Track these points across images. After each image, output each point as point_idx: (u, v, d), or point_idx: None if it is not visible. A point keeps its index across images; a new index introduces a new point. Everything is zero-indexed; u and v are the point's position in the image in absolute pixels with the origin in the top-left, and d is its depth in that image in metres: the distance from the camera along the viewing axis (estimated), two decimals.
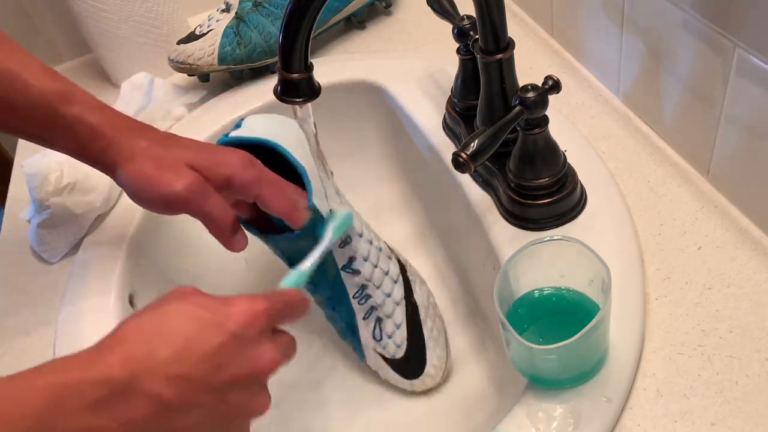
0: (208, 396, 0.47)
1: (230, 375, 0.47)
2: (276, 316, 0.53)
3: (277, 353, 0.51)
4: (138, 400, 0.44)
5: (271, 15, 0.97)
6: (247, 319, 0.49)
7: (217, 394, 0.47)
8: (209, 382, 0.46)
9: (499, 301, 0.55)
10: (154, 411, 0.44)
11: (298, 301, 0.57)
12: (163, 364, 0.45)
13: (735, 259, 0.65)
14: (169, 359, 0.45)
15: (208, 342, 0.46)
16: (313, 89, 0.60)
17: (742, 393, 0.56)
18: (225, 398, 0.48)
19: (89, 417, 0.42)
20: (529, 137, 0.65)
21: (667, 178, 0.73)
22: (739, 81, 0.61)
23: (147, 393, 0.44)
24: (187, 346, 0.46)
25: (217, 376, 0.47)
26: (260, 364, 0.50)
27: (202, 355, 0.46)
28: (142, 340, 0.46)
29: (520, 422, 0.56)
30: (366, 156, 1.00)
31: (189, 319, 0.47)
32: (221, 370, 0.47)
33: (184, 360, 0.45)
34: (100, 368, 0.43)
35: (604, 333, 0.56)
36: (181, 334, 0.46)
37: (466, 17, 0.73)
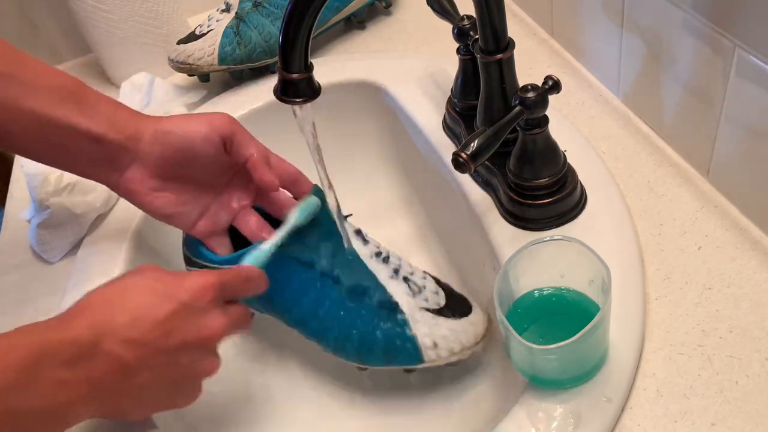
0: (160, 358, 0.53)
1: (180, 340, 0.54)
2: (227, 288, 0.59)
3: (225, 321, 0.57)
4: (100, 360, 0.50)
5: (271, 15, 0.97)
6: (198, 291, 0.55)
7: (168, 357, 0.54)
8: (161, 346, 0.53)
9: (499, 301, 0.55)
10: (113, 370, 0.51)
11: (252, 275, 0.63)
12: (121, 329, 0.51)
13: (735, 259, 0.65)
14: (126, 325, 0.51)
15: (160, 310, 0.53)
16: (313, 89, 0.60)
17: (742, 393, 0.56)
18: (176, 360, 0.54)
19: (63, 372, 0.48)
20: (529, 137, 0.65)
21: (667, 178, 0.73)
22: (739, 81, 0.61)
23: (108, 354, 0.50)
24: (142, 313, 0.52)
25: (167, 340, 0.53)
26: (208, 331, 0.56)
27: (154, 321, 0.52)
28: (104, 308, 0.52)
29: (520, 422, 0.56)
30: (366, 156, 1.00)
31: (145, 290, 0.54)
32: (171, 335, 0.53)
33: (139, 326, 0.52)
34: (70, 331, 0.49)
35: (604, 333, 0.56)
36: (137, 303, 0.53)
37: (466, 17, 0.73)
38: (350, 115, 0.98)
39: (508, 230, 0.70)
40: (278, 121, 0.94)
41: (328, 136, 0.98)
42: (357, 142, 1.00)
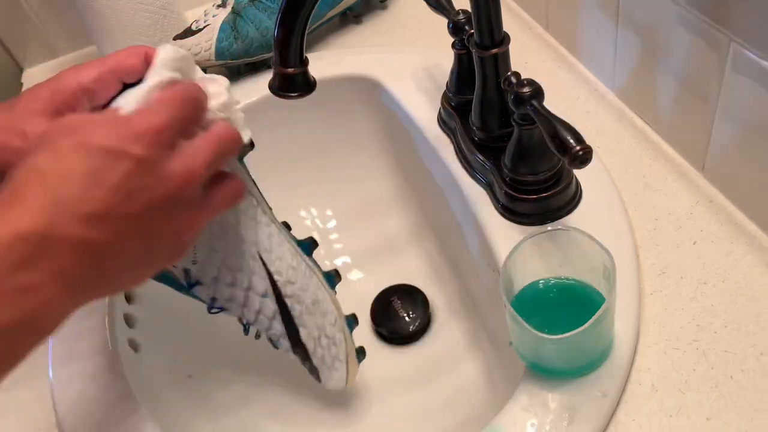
0: (128, 227, 0.45)
1: (145, 200, 0.45)
2: (183, 123, 0.49)
3: (190, 164, 0.48)
4: (61, 248, 0.42)
5: (267, 9, 0.97)
6: (148, 138, 0.45)
7: (136, 222, 0.45)
8: (124, 212, 0.44)
9: (504, 291, 0.55)
10: (81, 254, 0.43)
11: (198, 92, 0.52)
12: (73, 205, 0.42)
13: (730, 253, 0.65)
14: (78, 199, 0.42)
15: (114, 172, 0.44)
16: (308, 83, 0.60)
17: (737, 387, 0.56)
18: (149, 224, 0.46)
19: (20, 276, 0.40)
20: (524, 132, 0.65)
21: (662, 172, 0.73)
22: (735, 76, 0.61)
23: (67, 239, 0.42)
24: (93, 181, 0.43)
25: (130, 204, 0.44)
26: (173, 182, 0.46)
27: (110, 187, 0.43)
28: (43, 184, 0.43)
29: (515, 417, 0.56)
30: (361, 150, 1.00)
31: (86, 151, 0.44)
32: (133, 198, 0.44)
33: (93, 197, 0.43)
34: (12, 226, 0.41)
35: (611, 322, 0.57)
36: (82, 168, 0.43)
37: (462, 12, 0.73)
38: (345, 110, 0.98)
39: (503, 225, 0.70)
40: (274, 116, 0.94)
41: (323, 131, 0.99)
42: (352, 137, 1.00)
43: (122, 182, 0.44)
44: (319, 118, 0.98)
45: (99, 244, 0.43)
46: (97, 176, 0.43)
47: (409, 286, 0.89)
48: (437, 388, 0.79)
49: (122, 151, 0.44)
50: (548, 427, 0.55)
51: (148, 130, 0.45)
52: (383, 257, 0.94)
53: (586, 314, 0.51)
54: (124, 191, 0.44)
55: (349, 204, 0.98)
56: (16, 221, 0.41)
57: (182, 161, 0.47)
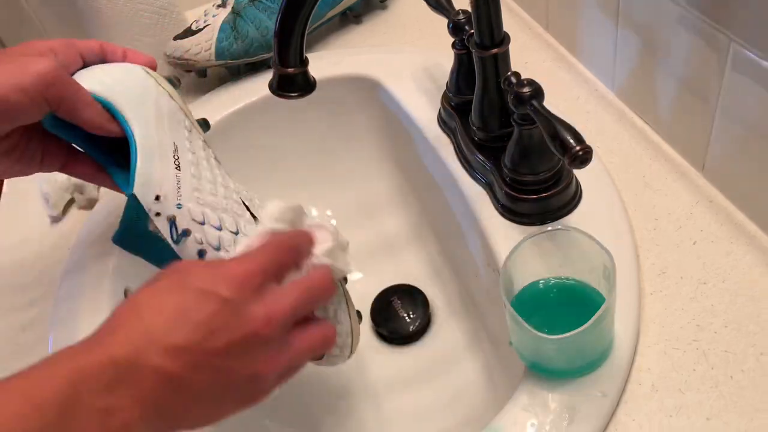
0: (208, 361, 0.47)
1: (225, 340, 0.47)
2: (276, 268, 0.52)
3: (272, 307, 0.50)
4: (144, 376, 0.44)
5: (267, 9, 0.97)
6: (238, 282, 0.49)
7: (217, 359, 0.47)
8: (205, 349, 0.46)
9: (505, 291, 0.55)
10: (160, 383, 0.45)
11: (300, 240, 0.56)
12: (159, 337, 0.45)
13: (730, 253, 0.65)
14: (164, 331, 0.45)
15: (200, 310, 0.47)
16: (308, 83, 0.60)
17: (737, 387, 0.56)
18: (226, 362, 0.48)
19: (106, 398, 0.43)
20: (524, 132, 0.65)
21: (662, 172, 0.73)
22: (735, 76, 0.61)
23: (150, 367, 0.44)
24: (180, 316, 0.46)
25: (211, 341, 0.46)
26: (253, 324, 0.48)
27: (194, 323, 0.46)
28: (138, 316, 0.46)
29: (515, 417, 0.56)
30: (361, 150, 1.00)
31: (179, 290, 0.48)
32: (215, 336, 0.47)
33: (178, 330, 0.46)
34: (105, 350, 0.44)
35: (610, 322, 0.57)
36: (173, 305, 0.47)
37: (462, 12, 0.73)
38: (345, 110, 0.98)
39: (503, 225, 0.70)
40: (274, 116, 0.94)
41: (323, 130, 0.99)
42: (352, 136, 1.00)
43: (206, 320, 0.47)
44: (319, 118, 0.98)
45: (177, 376, 0.45)
46: (185, 313, 0.46)
47: (409, 286, 0.89)
48: (437, 388, 0.79)
49: (212, 291, 0.48)
50: (548, 427, 0.55)
51: (238, 273, 0.49)
52: (383, 257, 0.94)
53: (586, 314, 0.51)
54: (206, 328, 0.46)
55: (349, 204, 0.98)
56: (110, 346, 0.44)
57: (265, 304, 0.49)
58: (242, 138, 0.94)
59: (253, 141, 0.95)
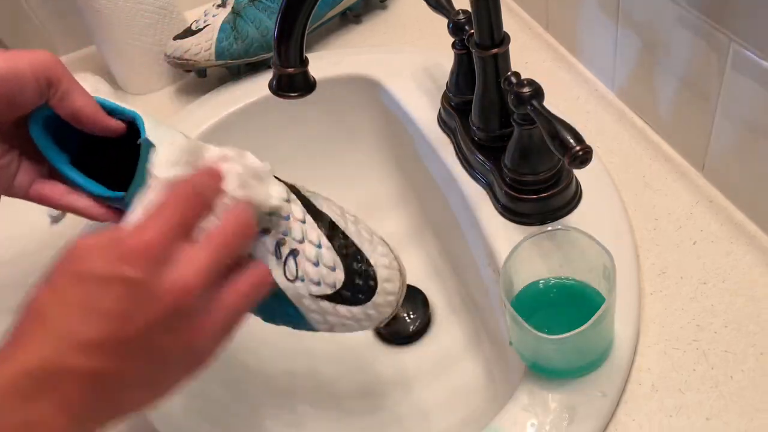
0: (129, 350, 0.43)
1: (141, 322, 0.43)
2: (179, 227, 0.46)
3: (184, 276, 0.45)
4: (63, 380, 0.41)
5: (267, 9, 0.97)
6: (139, 257, 0.44)
7: (138, 344, 0.43)
8: (124, 336, 0.42)
9: (505, 293, 0.55)
10: (84, 384, 0.42)
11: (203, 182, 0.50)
12: (70, 337, 0.41)
13: (730, 253, 0.65)
14: (73, 330, 0.42)
15: (106, 298, 0.42)
16: (308, 84, 0.60)
17: (737, 387, 0.56)
18: (151, 343, 0.44)
19: (25, 412, 0.40)
20: (524, 132, 0.65)
21: (662, 172, 0.73)
22: (735, 76, 0.61)
23: (68, 370, 0.41)
24: (86, 310, 0.42)
25: (128, 328, 0.43)
26: (168, 298, 0.44)
27: (103, 313, 0.42)
28: (42, 321, 0.42)
29: (515, 417, 0.56)
30: (361, 150, 1.00)
31: (79, 282, 0.43)
32: (130, 321, 0.43)
33: (88, 325, 0.42)
34: (17, 363, 0.41)
35: (610, 322, 0.57)
36: (76, 300, 0.42)
37: (462, 12, 0.73)
38: (345, 110, 0.98)
39: (503, 225, 0.70)
40: (274, 116, 0.94)
41: (323, 130, 0.99)
42: (352, 137, 1.00)
43: (115, 307, 0.42)
44: (319, 118, 0.98)
45: (100, 372, 0.42)
46: (90, 304, 0.42)
47: (409, 286, 0.88)
48: (437, 388, 0.79)
49: (112, 275, 0.43)
50: (548, 427, 0.55)
51: (138, 247, 0.44)
52: None
53: (586, 314, 0.51)
54: (118, 316, 0.42)
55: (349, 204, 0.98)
56: (21, 358, 0.41)
57: (178, 272, 0.45)
58: (242, 138, 0.94)
59: (253, 141, 0.95)
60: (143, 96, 1.04)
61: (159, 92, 1.04)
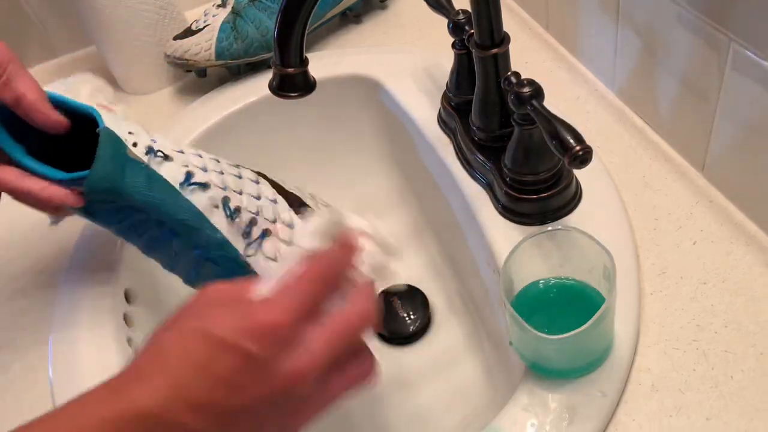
0: (234, 419, 0.44)
1: (251, 397, 0.44)
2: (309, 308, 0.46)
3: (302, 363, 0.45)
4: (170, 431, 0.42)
5: (267, 9, 0.97)
6: (265, 336, 0.44)
7: (240, 416, 0.44)
8: (230, 405, 0.43)
9: (505, 292, 0.55)
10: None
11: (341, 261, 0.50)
12: (184, 393, 0.42)
13: (730, 253, 0.65)
14: (188, 386, 0.43)
15: (223, 365, 0.43)
16: (308, 83, 0.60)
17: (737, 387, 0.56)
18: (253, 419, 0.45)
19: None
20: (524, 132, 0.65)
21: (662, 172, 0.73)
22: (735, 76, 0.61)
23: (175, 424, 0.42)
24: (204, 371, 0.43)
25: (233, 398, 0.43)
26: (281, 381, 0.45)
27: (218, 379, 0.43)
28: (162, 366, 0.43)
29: (515, 417, 0.56)
30: (361, 150, 1.00)
31: (204, 339, 0.44)
32: (240, 393, 0.44)
33: (202, 386, 0.43)
34: (133, 402, 0.42)
35: (611, 322, 0.57)
36: (198, 358, 0.43)
37: (462, 12, 0.73)
38: (345, 110, 0.98)
39: (503, 225, 0.70)
40: (274, 116, 0.94)
41: (323, 130, 0.99)
42: (352, 137, 1.00)
43: (228, 376, 0.43)
44: (319, 118, 0.98)
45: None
46: (208, 367, 0.43)
47: (409, 286, 0.89)
48: (437, 388, 0.79)
49: (236, 345, 0.43)
50: (548, 427, 0.55)
51: (265, 325, 0.44)
52: None
53: (586, 314, 0.51)
54: (230, 385, 0.43)
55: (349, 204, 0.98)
56: (138, 399, 0.42)
57: (294, 360, 0.45)
58: (242, 138, 0.94)
59: (253, 141, 0.95)
60: (143, 96, 1.04)
61: (159, 92, 1.04)
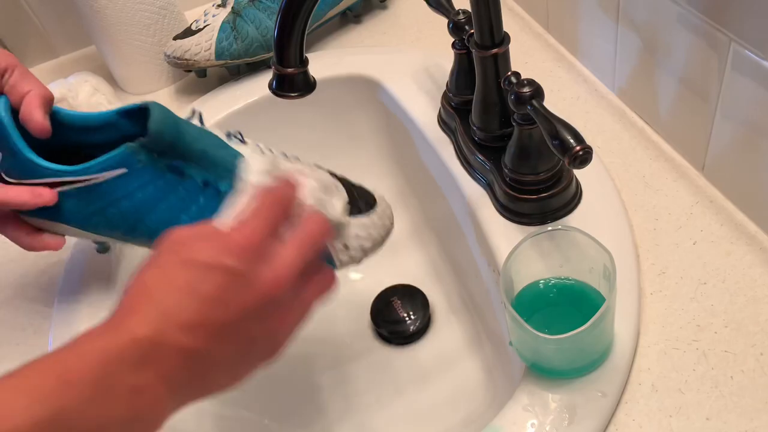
0: (223, 333, 0.48)
1: (239, 308, 0.48)
2: (272, 228, 0.52)
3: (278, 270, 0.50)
4: (166, 354, 0.45)
5: (267, 9, 0.97)
6: (241, 250, 0.49)
7: (231, 329, 0.48)
8: (221, 320, 0.47)
9: (505, 292, 0.55)
10: (182, 359, 0.46)
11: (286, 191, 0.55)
12: (174, 315, 0.46)
13: (730, 253, 0.65)
14: (178, 309, 0.46)
15: (209, 283, 0.47)
16: (308, 84, 0.60)
17: (737, 388, 0.56)
18: (243, 330, 0.49)
19: (134, 377, 0.44)
20: (524, 132, 0.65)
21: (662, 172, 0.73)
22: (735, 76, 0.61)
23: (171, 345, 0.45)
24: (190, 292, 0.47)
25: (225, 312, 0.47)
26: (263, 289, 0.49)
27: (204, 297, 0.47)
28: (149, 297, 0.47)
29: (515, 417, 0.56)
30: (361, 150, 1.00)
31: (185, 266, 0.48)
32: (228, 307, 0.48)
33: (190, 307, 0.46)
34: (127, 332, 0.45)
35: (610, 323, 0.57)
36: (182, 282, 0.47)
37: (462, 11, 0.73)
38: (345, 110, 0.98)
39: (503, 225, 0.70)
40: (274, 116, 0.94)
41: (323, 130, 0.99)
42: (352, 137, 1.00)
43: (216, 293, 0.47)
44: (318, 118, 0.98)
45: (197, 350, 0.46)
46: (194, 288, 0.47)
47: (409, 286, 0.89)
48: (437, 388, 0.79)
49: (217, 264, 0.48)
50: (548, 427, 0.55)
51: (239, 242, 0.49)
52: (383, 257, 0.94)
53: (586, 314, 0.51)
54: (217, 301, 0.47)
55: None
56: (131, 327, 0.45)
57: (271, 268, 0.50)
58: None
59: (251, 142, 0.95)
60: (143, 96, 1.04)
61: (159, 92, 1.05)
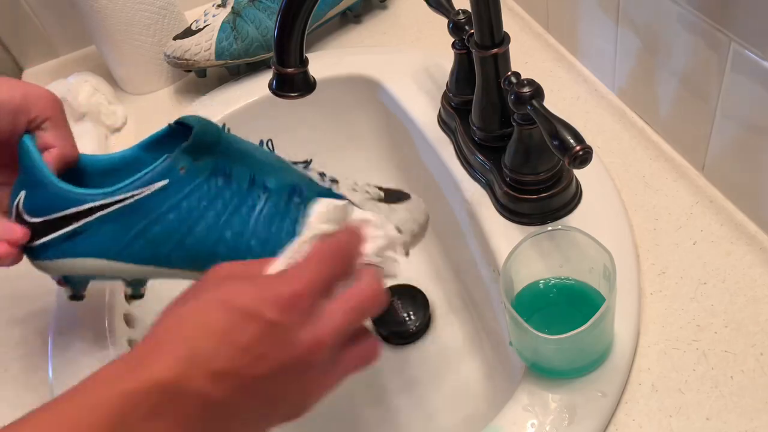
0: (251, 387, 0.45)
1: (271, 365, 0.45)
2: (326, 283, 0.48)
3: (321, 332, 0.47)
4: (188, 400, 0.43)
5: (267, 9, 0.97)
6: (284, 305, 0.46)
7: (261, 383, 0.46)
8: (250, 374, 0.45)
9: (505, 292, 0.55)
10: (203, 408, 0.44)
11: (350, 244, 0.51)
12: (204, 361, 0.43)
13: (730, 253, 0.65)
14: (208, 355, 0.44)
15: (245, 333, 0.44)
16: (308, 84, 0.60)
17: (737, 388, 0.56)
18: (273, 386, 0.47)
19: (153, 423, 0.42)
20: (524, 132, 0.65)
21: (662, 172, 0.73)
22: (735, 76, 0.61)
23: (194, 392, 0.43)
24: (224, 338, 0.44)
25: (256, 367, 0.45)
26: (300, 349, 0.46)
27: (239, 347, 0.44)
28: (181, 336, 0.45)
29: (515, 417, 0.56)
30: (361, 150, 1.00)
31: (224, 309, 0.45)
32: (260, 362, 0.45)
33: (222, 354, 0.44)
34: (151, 373, 0.43)
35: (610, 323, 0.57)
36: (217, 325, 0.45)
37: (462, 11, 0.73)
38: (345, 110, 0.98)
39: (503, 225, 0.70)
40: (274, 116, 0.94)
41: (323, 130, 0.99)
42: (352, 137, 1.00)
43: (251, 344, 0.44)
44: (319, 118, 0.98)
45: (221, 401, 0.44)
46: (229, 335, 0.44)
47: (409, 286, 0.89)
48: (437, 388, 0.79)
49: (257, 313, 0.45)
50: (548, 427, 0.55)
51: (285, 295, 0.46)
52: None
53: (586, 314, 0.51)
54: (251, 353, 0.45)
55: None
56: (156, 369, 0.43)
57: (314, 329, 0.47)
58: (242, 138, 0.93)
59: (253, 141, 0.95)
60: (143, 96, 1.04)
61: (159, 92, 1.05)
